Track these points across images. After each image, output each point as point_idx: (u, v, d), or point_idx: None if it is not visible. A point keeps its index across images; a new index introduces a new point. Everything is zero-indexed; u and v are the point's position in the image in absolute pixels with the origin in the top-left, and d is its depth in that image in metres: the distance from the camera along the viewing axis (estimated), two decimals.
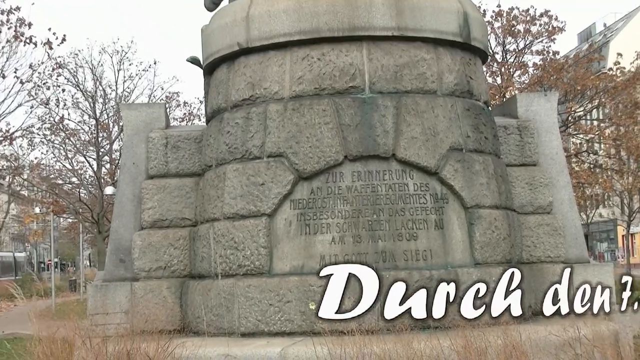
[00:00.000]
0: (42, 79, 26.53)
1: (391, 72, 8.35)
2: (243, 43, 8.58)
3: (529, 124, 9.45)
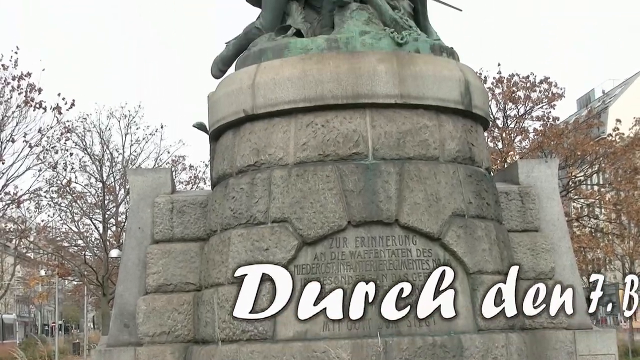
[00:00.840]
0: (50, 143, 26.87)
1: (394, 138, 8.49)
2: (249, 110, 8.73)
3: (530, 190, 9.55)
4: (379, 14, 9.15)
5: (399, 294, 7.38)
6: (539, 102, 30.53)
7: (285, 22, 9.38)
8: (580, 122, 32.39)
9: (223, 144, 9.21)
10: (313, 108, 8.52)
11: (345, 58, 8.61)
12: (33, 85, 25.03)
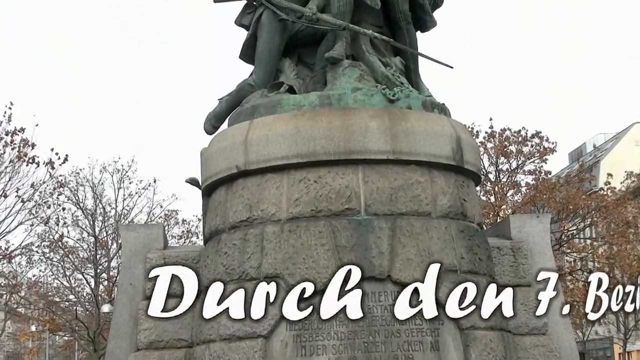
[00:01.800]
0: (43, 198, 26.90)
1: (386, 194, 8.52)
2: (241, 166, 8.77)
3: (522, 245, 9.56)
4: (371, 70, 9.26)
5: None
6: (531, 156, 30.77)
7: (278, 79, 9.47)
8: (572, 176, 32.59)
9: (216, 199, 9.23)
10: (306, 164, 8.56)
11: (337, 114, 8.69)
12: (26, 141, 25.17)
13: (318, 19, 9.31)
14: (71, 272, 32.43)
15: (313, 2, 9.55)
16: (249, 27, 9.69)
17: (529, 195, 29.98)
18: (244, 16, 9.78)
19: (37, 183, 26.15)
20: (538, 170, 30.82)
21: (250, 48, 9.69)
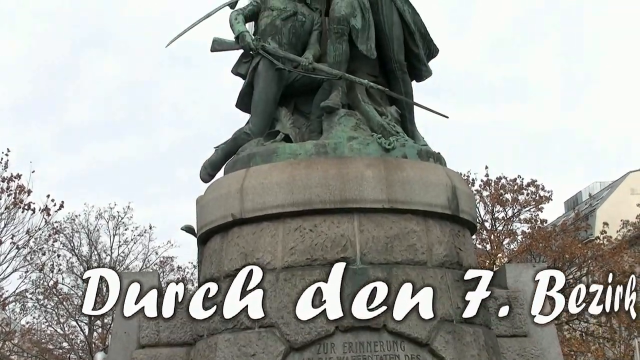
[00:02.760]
0: (38, 244, 26.84)
1: (382, 243, 8.50)
2: (237, 214, 8.76)
3: (518, 294, 9.50)
4: (367, 119, 9.30)
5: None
6: (527, 204, 30.81)
7: (274, 128, 9.52)
8: (568, 225, 32.61)
9: (211, 247, 9.20)
10: (301, 212, 8.56)
11: (333, 163, 8.71)
12: (22, 187, 25.20)
13: (314, 68, 9.40)
14: (65, 320, 32.25)
15: (309, 51, 9.67)
16: (245, 76, 9.77)
17: (525, 243, 29.95)
18: (240, 65, 9.85)
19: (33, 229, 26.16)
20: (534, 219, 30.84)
21: (247, 97, 9.74)
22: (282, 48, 9.61)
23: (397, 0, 9.73)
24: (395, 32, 9.72)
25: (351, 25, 9.41)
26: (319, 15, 9.99)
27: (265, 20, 9.80)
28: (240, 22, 9.71)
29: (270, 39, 9.65)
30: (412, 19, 9.79)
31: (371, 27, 9.58)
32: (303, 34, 9.83)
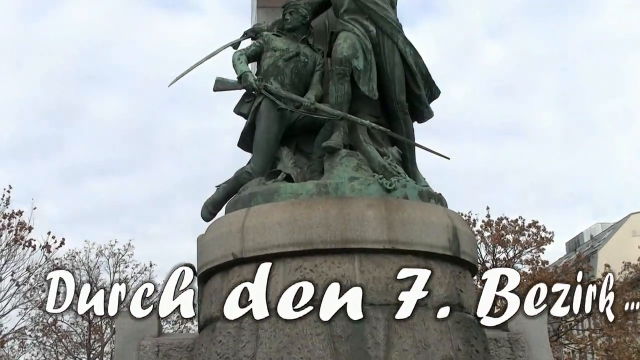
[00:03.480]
0: (38, 281, 26.79)
1: (382, 284, 8.47)
2: (237, 254, 8.75)
3: (519, 337, 9.48)
4: (368, 160, 9.33)
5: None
6: (528, 245, 30.78)
7: (275, 167, 9.54)
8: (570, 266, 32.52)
9: (211, 287, 9.17)
10: (302, 252, 8.54)
11: (334, 203, 8.71)
12: (24, 224, 25.22)
13: (316, 108, 9.45)
14: (64, 357, 32.10)
15: (311, 92, 9.74)
16: (247, 115, 9.81)
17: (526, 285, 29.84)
18: (242, 105, 9.91)
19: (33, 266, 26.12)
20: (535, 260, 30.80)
21: (249, 136, 9.79)
22: (285, 88, 9.67)
23: (399, 42, 9.80)
24: (397, 73, 9.78)
25: (353, 66, 9.48)
26: (321, 56, 10.08)
27: (268, 61, 9.89)
28: (243, 62, 9.80)
29: (272, 79, 9.72)
30: (414, 61, 9.85)
31: (373, 68, 9.65)
32: (305, 74, 9.91)
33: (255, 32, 10.29)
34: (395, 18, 9.91)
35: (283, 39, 10.03)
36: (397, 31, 9.82)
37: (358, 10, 9.78)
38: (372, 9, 9.73)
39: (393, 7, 10.01)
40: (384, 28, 9.75)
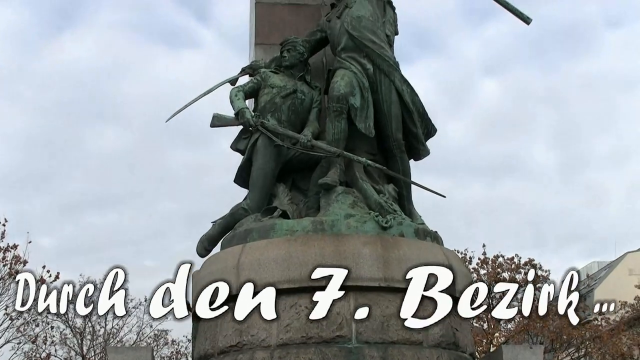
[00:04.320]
0: (32, 316, 26.57)
1: (378, 322, 8.43)
2: (233, 290, 8.71)
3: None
4: (364, 197, 9.34)
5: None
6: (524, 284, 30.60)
7: (271, 204, 9.54)
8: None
9: (206, 323, 9.12)
10: (297, 290, 8.51)
11: (330, 240, 8.70)
12: (18, 257, 25.11)
13: (313, 145, 9.48)
14: None
15: (308, 129, 9.78)
16: (244, 151, 9.83)
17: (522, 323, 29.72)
18: (239, 141, 9.92)
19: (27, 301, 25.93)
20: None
21: (245, 172, 9.79)
22: (282, 125, 9.71)
23: (396, 80, 9.84)
24: (394, 111, 9.82)
25: (350, 103, 9.53)
26: (319, 93, 10.13)
27: (265, 98, 9.92)
28: (240, 99, 9.83)
29: (269, 116, 9.75)
30: (410, 99, 9.89)
31: (370, 105, 9.70)
32: (302, 111, 9.95)
33: (252, 68, 10.35)
34: (392, 56, 9.97)
35: (280, 76, 10.09)
36: (394, 69, 9.88)
37: (355, 49, 9.85)
38: (369, 47, 9.80)
39: (390, 46, 10.09)
40: (381, 66, 9.81)
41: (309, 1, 10.87)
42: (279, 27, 10.59)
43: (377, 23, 9.96)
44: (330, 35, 10.17)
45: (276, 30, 10.56)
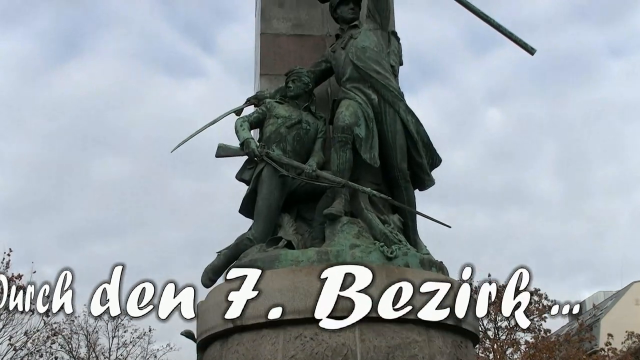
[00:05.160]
0: (36, 346, 26.50)
1: (383, 353, 8.37)
2: (237, 321, 8.67)
3: None
4: (370, 228, 9.31)
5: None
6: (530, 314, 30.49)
7: (276, 234, 9.52)
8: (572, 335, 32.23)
9: (210, 354, 9.08)
10: (302, 320, 8.44)
11: None
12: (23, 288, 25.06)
13: (318, 175, 9.47)
14: None
15: (313, 159, 9.78)
16: (249, 182, 9.82)
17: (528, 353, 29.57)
18: (244, 171, 9.92)
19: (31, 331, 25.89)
20: (537, 328, 30.53)
21: (250, 202, 9.78)
22: (287, 155, 9.72)
23: (401, 110, 9.86)
24: (399, 141, 9.83)
25: (355, 134, 9.53)
26: (324, 124, 10.15)
27: (270, 128, 9.94)
28: (245, 129, 9.85)
29: (274, 146, 9.77)
30: (415, 129, 9.90)
31: (375, 136, 9.71)
32: (307, 141, 9.97)
33: (257, 99, 10.38)
34: (397, 86, 10.00)
35: (285, 106, 10.11)
36: (399, 99, 9.90)
37: (360, 79, 9.88)
38: (374, 77, 9.83)
39: (395, 76, 10.12)
40: (386, 96, 9.83)
41: (314, 32, 10.94)
42: (283, 58, 10.64)
43: (381, 54, 10.01)
44: (335, 66, 10.21)
45: (281, 61, 10.61)
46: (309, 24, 10.96)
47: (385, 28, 10.18)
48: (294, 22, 10.97)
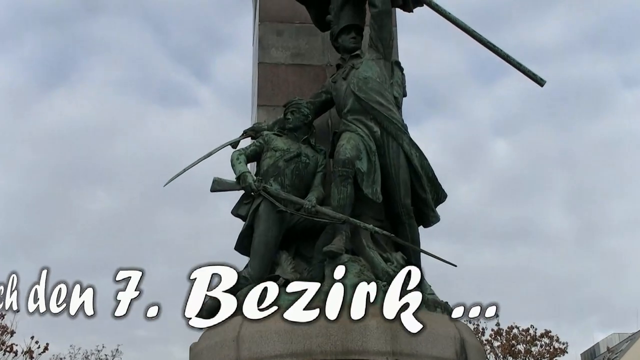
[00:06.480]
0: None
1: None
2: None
3: None
4: (371, 266, 8.99)
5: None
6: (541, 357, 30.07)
7: (274, 272, 9.18)
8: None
9: None
10: None
11: None
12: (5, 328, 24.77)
13: (317, 211, 9.18)
14: None
15: (312, 194, 9.49)
16: (245, 217, 9.52)
17: None
18: (241, 206, 9.63)
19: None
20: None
21: (247, 239, 9.47)
22: (285, 190, 9.43)
23: (404, 144, 9.57)
24: (402, 175, 9.53)
25: (356, 168, 9.24)
26: (324, 157, 9.87)
27: (267, 161, 9.67)
28: (242, 162, 9.60)
29: (272, 180, 9.49)
30: (419, 163, 9.61)
31: (377, 170, 9.40)
32: (306, 175, 9.68)
33: (255, 131, 10.13)
34: (400, 119, 9.71)
35: (284, 139, 9.83)
36: (403, 132, 9.61)
37: (362, 111, 9.60)
38: (376, 109, 9.55)
39: (398, 108, 9.84)
40: (389, 129, 9.54)
41: (314, 61, 10.72)
42: (282, 88, 10.44)
43: (384, 84, 9.73)
44: (336, 97, 9.94)
45: (279, 91, 10.42)
46: (309, 53, 10.75)
47: (388, 58, 9.93)
48: (293, 51, 10.76)
